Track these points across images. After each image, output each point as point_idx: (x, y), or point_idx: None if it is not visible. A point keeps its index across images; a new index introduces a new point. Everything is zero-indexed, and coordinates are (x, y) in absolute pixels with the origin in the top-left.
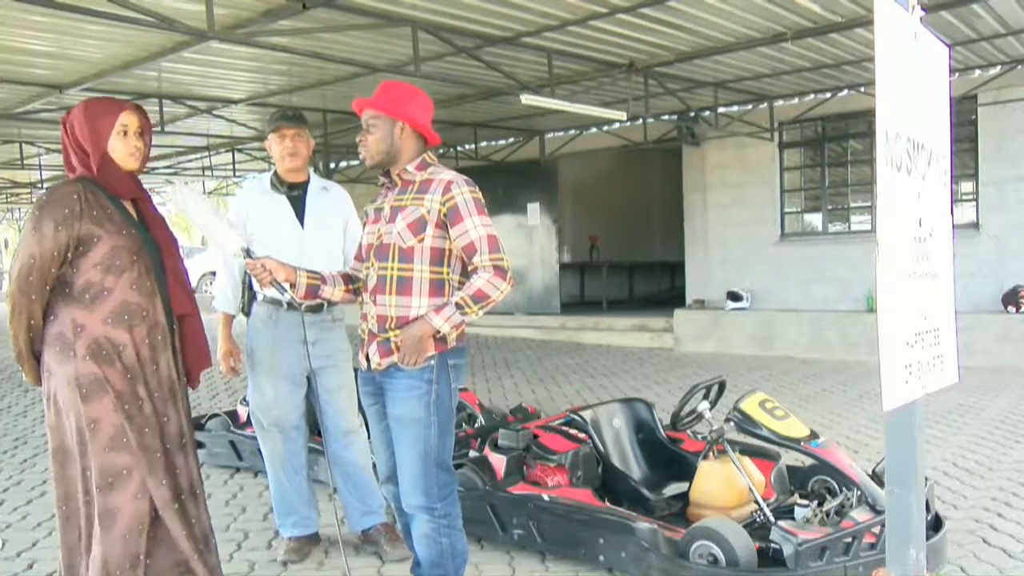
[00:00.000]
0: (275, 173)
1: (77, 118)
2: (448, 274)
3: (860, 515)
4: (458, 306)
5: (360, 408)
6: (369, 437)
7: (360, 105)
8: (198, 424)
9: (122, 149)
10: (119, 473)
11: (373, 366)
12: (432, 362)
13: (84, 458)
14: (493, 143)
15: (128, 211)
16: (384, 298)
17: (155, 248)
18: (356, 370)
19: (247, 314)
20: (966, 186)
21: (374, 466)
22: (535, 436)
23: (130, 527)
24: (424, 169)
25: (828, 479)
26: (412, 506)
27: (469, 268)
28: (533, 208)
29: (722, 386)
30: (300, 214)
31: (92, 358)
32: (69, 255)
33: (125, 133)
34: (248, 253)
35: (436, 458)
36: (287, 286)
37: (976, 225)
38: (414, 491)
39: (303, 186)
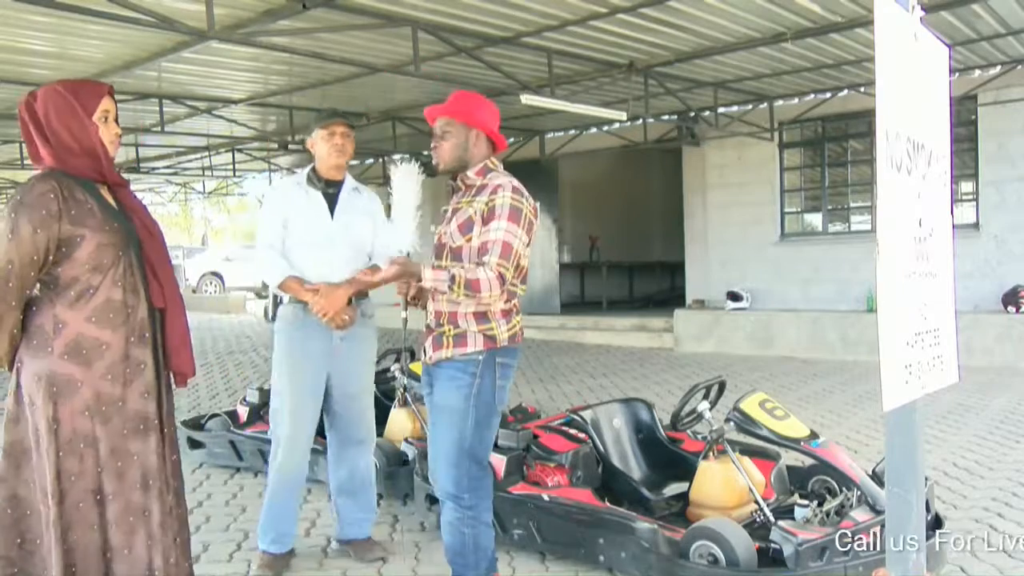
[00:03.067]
0: (313, 169)
1: (53, 101)
2: None
3: (860, 515)
4: (453, 279)
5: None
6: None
7: (433, 113)
8: (198, 424)
9: (105, 136)
10: (71, 478)
11: (427, 359)
12: (480, 357)
13: (42, 458)
14: None
15: (107, 201)
16: (439, 294)
17: (137, 240)
18: (377, 370)
19: (272, 320)
20: (966, 186)
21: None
22: (535, 436)
23: (78, 537)
24: (484, 175)
25: (828, 479)
26: (442, 492)
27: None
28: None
29: (722, 386)
30: (332, 209)
31: (69, 357)
32: (50, 257)
33: (106, 119)
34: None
35: (470, 450)
36: (405, 303)
37: (976, 225)
38: (445, 478)
39: (339, 185)
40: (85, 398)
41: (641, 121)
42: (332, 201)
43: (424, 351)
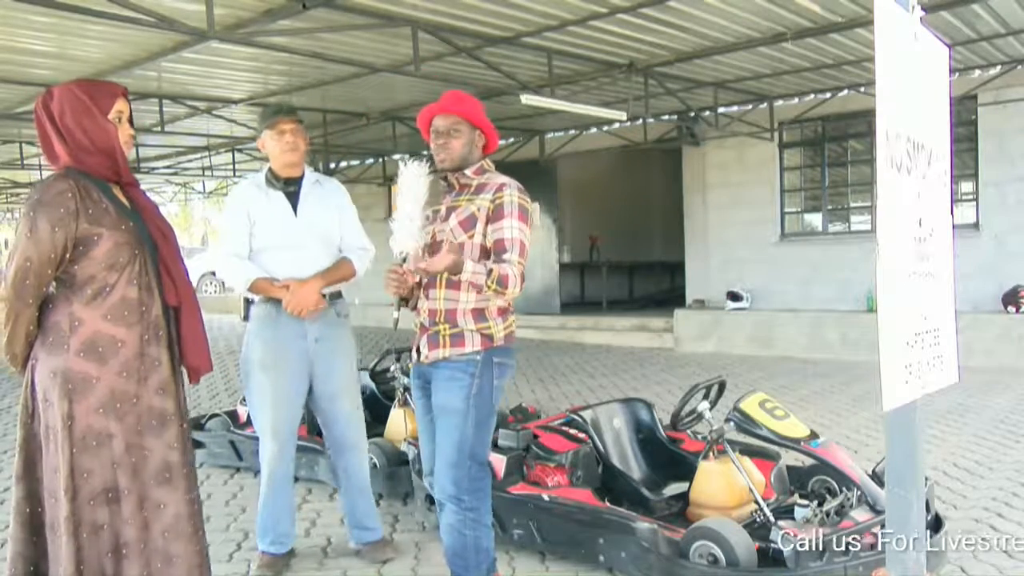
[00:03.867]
0: (270, 170)
1: (69, 101)
2: None
3: (860, 515)
4: (489, 272)
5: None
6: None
7: (434, 112)
8: (198, 424)
9: (120, 137)
10: (84, 475)
11: (422, 358)
12: (478, 357)
13: (51, 456)
14: None
15: (122, 201)
16: (435, 292)
17: (150, 239)
18: (377, 370)
19: (245, 319)
20: (966, 186)
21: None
22: (535, 436)
23: (88, 534)
24: (481, 174)
25: (828, 479)
26: (442, 494)
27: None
28: (533, 208)
29: (722, 386)
30: (295, 207)
31: (85, 355)
32: (67, 255)
33: (120, 120)
34: (404, 260)
35: (470, 450)
36: (399, 303)
37: (976, 225)
38: (445, 479)
39: (298, 181)
40: (100, 395)
41: (641, 121)
42: (294, 199)
43: (418, 351)
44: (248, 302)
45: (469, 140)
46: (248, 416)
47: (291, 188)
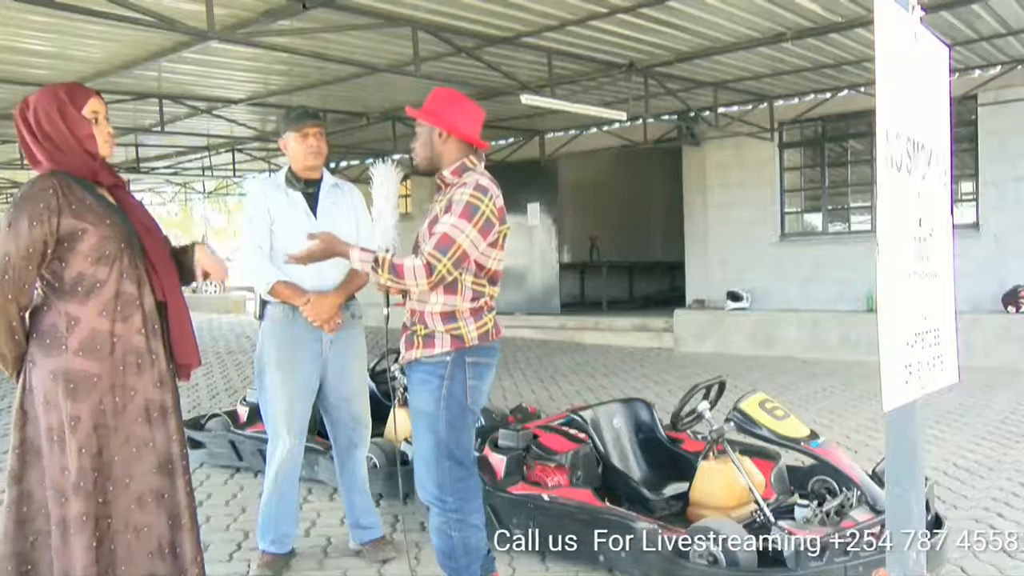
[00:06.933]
0: (290, 170)
1: (43, 105)
2: (460, 274)
3: (860, 515)
4: (377, 261)
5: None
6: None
7: (409, 112)
8: (198, 424)
9: (98, 136)
10: (92, 473)
11: (400, 360)
12: (448, 358)
13: (56, 456)
14: (493, 143)
15: (107, 199)
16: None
17: (136, 235)
18: (376, 370)
19: (260, 318)
20: (966, 186)
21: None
22: (535, 436)
23: (102, 528)
24: (461, 175)
25: (828, 479)
26: (425, 497)
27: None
28: (533, 208)
29: (722, 386)
30: (314, 209)
31: (85, 354)
32: (49, 251)
33: (96, 120)
34: (389, 252)
35: (447, 451)
36: (387, 298)
37: (976, 225)
38: (427, 482)
39: (317, 183)
40: (102, 392)
41: (641, 121)
42: (313, 201)
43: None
44: (264, 302)
45: (427, 140)
46: (248, 416)
47: (310, 190)
